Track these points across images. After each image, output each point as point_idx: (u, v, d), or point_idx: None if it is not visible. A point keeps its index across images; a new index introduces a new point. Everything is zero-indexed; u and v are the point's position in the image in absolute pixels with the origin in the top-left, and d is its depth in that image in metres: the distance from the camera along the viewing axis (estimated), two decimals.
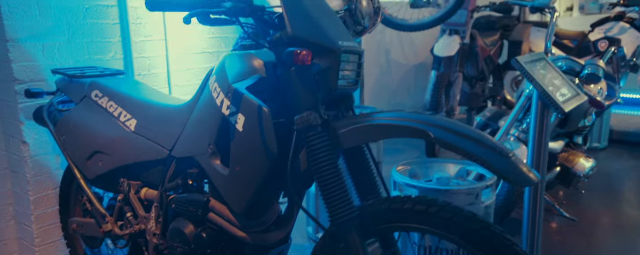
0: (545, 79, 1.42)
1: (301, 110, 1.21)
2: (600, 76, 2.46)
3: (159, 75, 2.31)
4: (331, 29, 1.22)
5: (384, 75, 4.37)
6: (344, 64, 1.22)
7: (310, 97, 1.21)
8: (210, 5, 1.17)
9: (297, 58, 1.17)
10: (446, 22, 3.94)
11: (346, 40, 1.25)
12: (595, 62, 2.47)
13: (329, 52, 1.19)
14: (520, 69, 1.40)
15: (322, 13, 1.26)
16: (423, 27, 3.25)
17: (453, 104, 3.85)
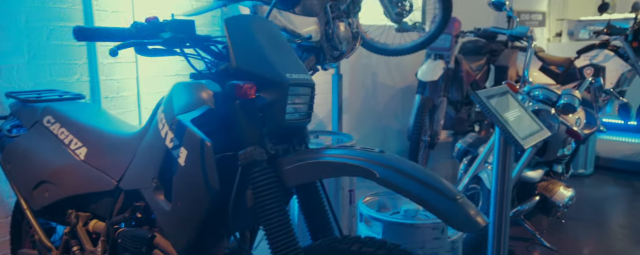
0: (507, 113, 1.36)
1: (246, 144, 1.15)
2: (575, 106, 2.40)
3: (129, 98, 2.25)
4: (280, 61, 1.16)
5: (369, 98, 4.32)
6: (293, 98, 1.16)
7: (255, 132, 1.15)
8: (146, 36, 1.11)
9: (240, 91, 1.11)
10: (431, 47, 3.91)
11: (297, 72, 1.19)
12: (571, 92, 2.42)
13: (276, 85, 1.14)
14: (480, 104, 1.34)
15: (272, 44, 1.20)
16: (405, 52, 3.21)
17: (437, 128, 3.79)
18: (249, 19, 1.21)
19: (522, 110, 1.46)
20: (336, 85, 2.87)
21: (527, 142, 1.31)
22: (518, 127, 1.33)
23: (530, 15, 6.64)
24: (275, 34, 1.25)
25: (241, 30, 1.17)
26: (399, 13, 2.98)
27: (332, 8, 2.59)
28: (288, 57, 1.22)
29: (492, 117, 1.31)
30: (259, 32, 1.20)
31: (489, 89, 1.40)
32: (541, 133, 1.44)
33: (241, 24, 1.18)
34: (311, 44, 2.46)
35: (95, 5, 2.05)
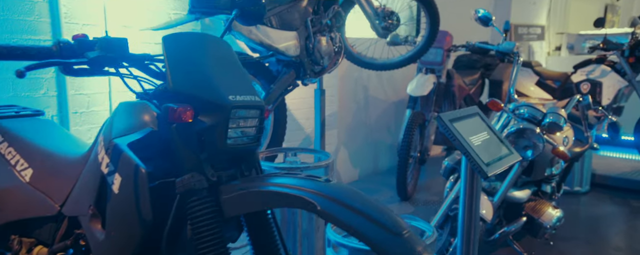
0: (474, 137, 1.26)
1: (184, 171, 1.06)
2: (561, 125, 2.29)
3: (100, 113, 2.17)
4: (223, 82, 1.07)
5: (361, 112, 4.23)
6: (237, 121, 1.07)
7: (193, 157, 1.06)
8: (69, 55, 1.03)
9: (174, 115, 1.02)
10: (422, 61, 3.82)
11: (243, 94, 1.09)
12: (557, 111, 2.31)
13: (216, 107, 1.05)
14: (443, 127, 1.24)
15: (217, 64, 1.11)
16: (393, 67, 3.12)
17: (427, 144, 3.68)
18: (190, 36, 1.13)
19: (491, 134, 1.36)
20: (318, 101, 2.77)
21: (492, 169, 1.21)
22: (485, 152, 1.23)
23: (529, 29, 6.53)
24: (224, 53, 1.16)
25: (180, 49, 1.08)
26: (386, 27, 2.89)
27: (314, 22, 2.51)
28: (235, 78, 1.13)
29: (455, 141, 1.21)
30: (201, 51, 1.11)
31: (457, 111, 1.30)
32: (510, 158, 1.33)
33: (181, 42, 1.10)
34: (290, 58, 2.37)
35: (63, 18, 1.98)
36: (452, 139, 1.22)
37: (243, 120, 1.09)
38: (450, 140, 1.23)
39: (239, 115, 1.08)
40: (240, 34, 2.10)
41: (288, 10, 2.35)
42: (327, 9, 2.57)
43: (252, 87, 1.16)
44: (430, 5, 2.88)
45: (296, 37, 2.38)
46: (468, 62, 4.52)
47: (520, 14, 6.24)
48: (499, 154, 1.30)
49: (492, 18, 2.65)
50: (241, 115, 1.08)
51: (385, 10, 2.87)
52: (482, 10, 2.65)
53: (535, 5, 6.65)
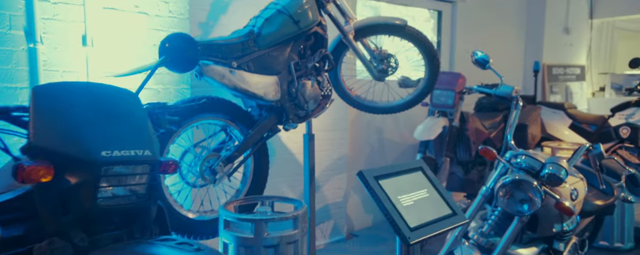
0: (409, 195, 1.05)
1: (46, 236, 0.93)
2: (561, 178, 1.98)
3: None
4: (98, 136, 0.95)
5: (375, 155, 4.00)
6: (113, 179, 0.94)
7: (55, 221, 0.93)
8: None
9: (22, 174, 0.90)
10: (433, 104, 3.58)
11: (126, 148, 0.97)
12: (557, 161, 2.00)
13: (82, 164, 0.92)
14: (364, 185, 1.04)
15: (96, 116, 0.99)
16: (395, 110, 2.93)
17: None
18: (67, 87, 1.03)
19: (433, 191, 1.14)
20: (307, 147, 2.61)
21: (422, 234, 0.99)
22: (415, 214, 1.02)
23: (565, 69, 6.09)
24: (113, 104, 1.05)
25: (50, 100, 0.98)
26: (383, 70, 2.72)
27: (299, 66, 2.39)
28: (119, 131, 1.01)
29: (376, 201, 1.01)
30: (75, 102, 1.00)
31: (393, 165, 1.10)
32: (453, 220, 1.10)
33: (52, 93, 1.00)
34: (269, 103, 2.25)
35: (42, 66, 1.99)
36: (373, 198, 1.03)
37: (123, 178, 0.96)
38: (372, 198, 1.03)
39: (115, 172, 0.95)
40: (212, 79, 2.02)
41: (269, 54, 2.25)
42: (314, 53, 2.45)
43: (145, 141, 1.03)
44: (426, 48, 2.69)
45: (276, 82, 2.27)
46: (489, 104, 4.21)
47: (555, 54, 5.85)
48: (437, 215, 1.08)
49: (490, 60, 2.42)
50: (119, 172, 0.95)
51: (382, 52, 2.72)
52: (479, 52, 2.43)
53: (572, 46, 6.22)
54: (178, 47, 1.38)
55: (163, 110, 1.34)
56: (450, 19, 4.57)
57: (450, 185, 3.73)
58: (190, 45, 1.39)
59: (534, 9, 5.56)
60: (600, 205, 2.52)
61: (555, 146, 4.17)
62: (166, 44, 1.37)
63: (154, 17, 2.36)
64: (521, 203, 2.03)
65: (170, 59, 1.38)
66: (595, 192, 2.62)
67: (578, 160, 2.19)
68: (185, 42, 1.39)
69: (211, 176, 2.07)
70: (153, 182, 1.02)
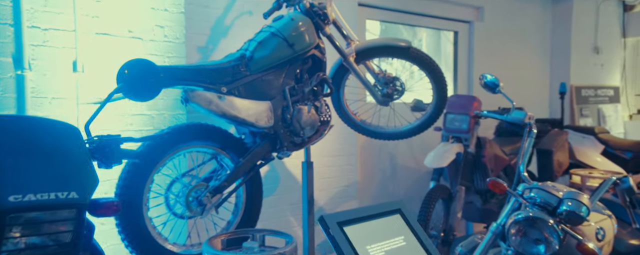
0: (375, 247, 0.92)
1: None
2: (582, 215, 1.77)
3: None
4: (7, 178, 0.86)
5: (387, 182, 3.84)
6: (25, 227, 0.85)
7: None
8: None
9: None
10: (447, 129, 3.41)
11: (45, 191, 0.88)
12: (577, 197, 1.79)
13: None
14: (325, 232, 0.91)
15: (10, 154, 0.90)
16: (401, 136, 2.79)
17: (453, 222, 3.17)
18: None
19: (412, 239, 1.00)
20: (305, 176, 2.49)
21: None
22: None
23: (596, 91, 5.79)
24: (34, 141, 0.96)
25: None
26: (387, 94, 2.61)
27: (295, 90, 2.30)
28: (37, 172, 0.92)
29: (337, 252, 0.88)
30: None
31: (364, 208, 0.98)
32: None
33: None
34: (261, 130, 2.16)
35: (30, 92, 1.97)
36: (334, 249, 0.89)
37: (41, 225, 0.86)
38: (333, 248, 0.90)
39: (29, 219, 0.85)
40: (198, 106, 1.95)
41: (262, 79, 2.18)
42: (311, 76, 2.36)
43: (72, 181, 0.94)
44: (433, 70, 2.56)
45: (270, 107, 2.18)
46: (511, 128, 3.99)
47: (584, 75, 5.57)
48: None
49: (500, 84, 2.26)
50: (34, 219, 0.86)
51: (387, 75, 2.61)
52: (488, 75, 2.27)
53: (603, 67, 5.93)
54: (137, 74, 1.31)
55: (117, 143, 1.27)
56: (467, 39, 4.43)
57: (467, 215, 3.52)
58: (150, 72, 1.32)
59: (559, 28, 5.34)
60: (637, 246, 2.28)
61: (585, 174, 3.89)
62: (124, 71, 1.31)
63: (148, 42, 2.33)
64: (536, 243, 1.83)
65: (128, 87, 1.31)
66: (630, 230, 2.38)
67: (601, 194, 1.98)
68: (145, 69, 1.32)
69: (198, 207, 1.97)
70: (80, 228, 0.92)
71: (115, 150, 1.25)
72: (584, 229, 1.90)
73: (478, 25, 4.44)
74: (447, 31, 4.33)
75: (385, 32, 4.07)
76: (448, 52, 4.42)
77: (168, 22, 2.41)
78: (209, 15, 2.71)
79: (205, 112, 1.98)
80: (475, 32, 4.43)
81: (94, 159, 1.23)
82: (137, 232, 1.79)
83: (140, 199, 1.82)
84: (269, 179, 3.02)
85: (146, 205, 1.86)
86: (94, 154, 1.22)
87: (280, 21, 2.31)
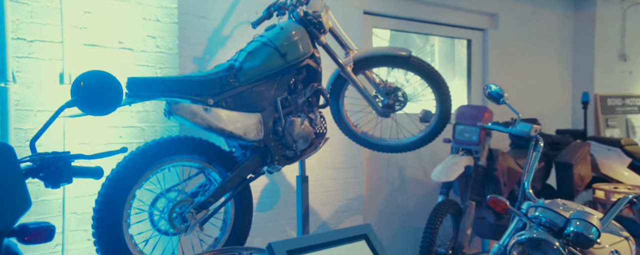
0: None
1: None
2: (591, 238, 1.61)
3: (52, 202, 2.05)
4: None
5: (396, 195, 3.70)
6: None
7: None
8: None
9: None
10: (457, 141, 3.27)
11: None
12: (585, 217, 1.64)
13: None
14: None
15: None
16: (404, 149, 2.67)
17: (462, 238, 3.01)
18: None
19: None
20: (300, 190, 2.39)
21: None
22: None
23: (624, 100, 5.51)
24: None
25: None
26: (388, 105, 2.50)
27: (288, 102, 2.22)
28: None
29: None
30: None
31: (331, 232, 0.87)
32: None
33: None
34: (250, 143, 2.08)
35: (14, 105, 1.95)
36: None
37: None
38: None
39: None
40: (182, 118, 1.88)
41: (251, 90, 2.10)
42: (306, 87, 2.28)
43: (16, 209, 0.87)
44: (435, 80, 2.44)
45: (259, 120, 2.10)
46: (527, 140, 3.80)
47: (610, 84, 5.31)
48: None
49: (504, 94, 2.12)
50: None
51: (388, 85, 2.50)
52: (493, 85, 2.14)
53: (632, 75, 5.64)
54: (94, 86, 1.25)
55: (65, 161, 1.20)
56: (481, 47, 4.27)
57: (480, 232, 3.35)
58: (109, 85, 1.26)
59: (581, 35, 5.12)
60: None
61: (609, 189, 3.66)
62: (80, 83, 1.25)
63: (139, 53, 2.30)
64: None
65: (83, 100, 1.25)
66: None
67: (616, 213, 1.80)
68: (104, 82, 1.26)
69: (182, 224, 1.90)
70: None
71: (62, 168, 1.19)
72: (596, 252, 1.74)
73: (492, 33, 4.28)
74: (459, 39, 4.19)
75: (395, 38, 3.96)
76: (462, 57, 4.27)
77: (160, 33, 2.37)
78: (206, 26, 2.67)
79: (190, 125, 1.92)
80: (490, 40, 4.27)
81: (39, 178, 1.17)
82: (115, 249, 1.73)
83: (120, 215, 1.76)
84: (269, 193, 2.93)
85: (126, 221, 1.80)
86: (38, 173, 1.17)
87: (273, 30, 2.24)
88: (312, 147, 2.28)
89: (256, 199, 2.90)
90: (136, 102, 1.85)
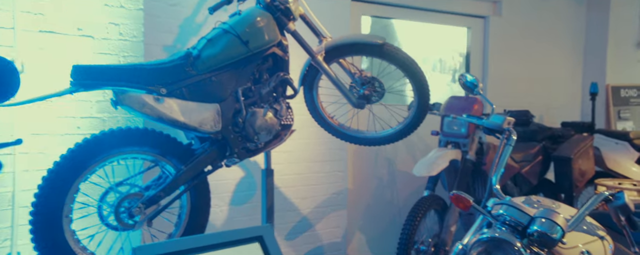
0: None
1: None
2: (554, 238, 1.48)
3: (2, 195, 2.01)
4: None
5: (384, 189, 3.56)
6: None
7: None
8: None
9: None
10: (444, 133, 3.12)
11: None
12: (550, 216, 1.51)
13: None
14: None
15: None
16: (383, 141, 2.55)
17: (446, 236, 2.88)
18: None
19: None
20: (264, 184, 2.30)
21: None
22: None
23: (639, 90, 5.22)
24: None
25: None
26: (364, 96, 2.37)
27: (250, 92, 2.12)
28: None
29: None
30: None
31: (214, 234, 0.76)
32: None
33: None
34: (206, 134, 1.99)
35: None
36: None
37: None
38: None
39: None
40: (129, 108, 1.80)
41: (210, 80, 2.00)
42: (272, 76, 2.17)
43: None
44: (411, 70, 2.30)
45: (217, 110, 2.00)
46: (525, 133, 3.62)
47: (624, 74, 5.03)
48: None
49: (479, 85, 1.97)
50: None
51: (363, 75, 2.37)
52: (469, 75, 1.99)
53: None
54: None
55: None
56: (481, 36, 4.07)
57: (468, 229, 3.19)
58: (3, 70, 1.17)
59: (594, 22, 4.84)
60: None
61: (612, 185, 3.46)
62: None
63: (101, 41, 2.22)
64: None
65: None
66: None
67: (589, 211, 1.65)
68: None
69: (129, 219, 1.83)
70: None
71: None
72: (564, 252, 1.60)
73: (494, 20, 4.07)
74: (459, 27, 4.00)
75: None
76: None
77: (124, 20, 2.29)
78: (178, 13, 2.58)
79: (138, 115, 1.84)
80: (491, 27, 4.07)
81: None
82: (53, 245, 1.67)
83: (60, 209, 1.69)
84: (244, 186, 2.85)
85: (68, 216, 1.74)
86: None
87: (236, 17, 2.13)
88: (278, 139, 2.18)
89: (230, 193, 2.83)
90: (80, 91, 1.77)
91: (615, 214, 1.65)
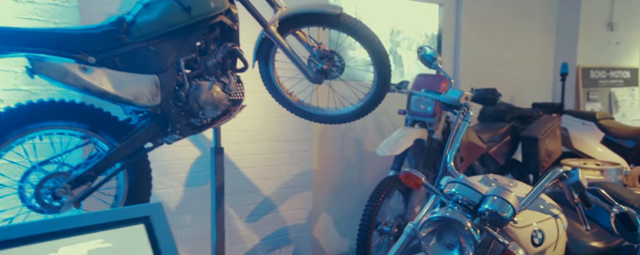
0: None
1: None
2: (504, 216, 1.34)
3: None
4: None
5: (352, 170, 3.41)
6: None
7: None
8: None
9: None
10: (411, 112, 2.96)
11: None
12: (501, 194, 1.36)
13: None
14: None
15: None
16: (342, 119, 2.36)
17: (409, 217, 2.74)
18: None
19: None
20: (213, 163, 2.10)
21: None
22: None
23: (609, 72, 5.14)
24: None
25: None
26: (322, 71, 2.18)
27: (193, 63, 1.90)
28: None
29: None
30: None
31: (87, 214, 0.59)
32: None
33: None
34: (143, 109, 1.78)
35: None
36: None
37: None
38: None
39: None
40: (48, 78, 1.58)
41: (147, 48, 1.78)
42: (219, 47, 1.96)
43: None
44: (370, 42, 2.11)
45: (155, 83, 1.79)
46: (495, 113, 3.49)
47: (595, 55, 4.94)
48: None
49: (438, 58, 1.80)
50: None
51: (322, 49, 2.17)
52: (428, 48, 1.82)
53: (619, 45, 5.25)
54: None
55: None
56: (454, 13, 3.89)
57: None
58: None
59: (566, 2, 4.71)
60: (601, 249, 1.82)
61: (576, 165, 3.36)
62: None
63: (25, 4, 1.97)
64: (448, 249, 1.41)
65: None
66: (598, 230, 1.91)
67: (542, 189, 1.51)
68: None
69: (53, 201, 1.62)
70: None
71: None
72: (516, 230, 1.47)
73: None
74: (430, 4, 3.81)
75: None
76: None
77: None
78: None
79: (60, 86, 1.62)
80: (464, 5, 3.89)
81: None
82: None
83: None
84: (202, 166, 2.65)
85: None
86: None
87: None
88: (228, 115, 1.98)
89: (185, 173, 2.63)
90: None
91: (569, 191, 1.51)
